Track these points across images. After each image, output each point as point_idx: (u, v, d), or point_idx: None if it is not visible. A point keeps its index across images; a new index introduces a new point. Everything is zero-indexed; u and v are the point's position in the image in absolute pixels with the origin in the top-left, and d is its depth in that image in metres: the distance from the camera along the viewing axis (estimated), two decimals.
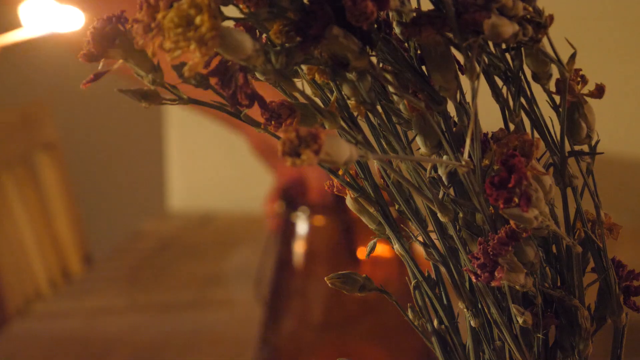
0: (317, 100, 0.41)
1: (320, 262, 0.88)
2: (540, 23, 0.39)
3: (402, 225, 0.45)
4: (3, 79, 2.12)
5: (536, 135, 0.42)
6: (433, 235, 0.43)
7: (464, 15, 0.36)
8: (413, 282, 0.45)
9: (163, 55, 0.35)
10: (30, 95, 2.01)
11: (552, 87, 0.42)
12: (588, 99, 0.42)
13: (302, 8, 0.36)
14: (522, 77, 0.41)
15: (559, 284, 0.43)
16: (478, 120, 0.38)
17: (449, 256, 0.43)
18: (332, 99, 0.39)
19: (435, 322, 0.45)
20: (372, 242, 0.45)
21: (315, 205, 0.87)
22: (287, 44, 0.37)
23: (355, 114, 0.40)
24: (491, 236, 0.38)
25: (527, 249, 0.39)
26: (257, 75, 0.37)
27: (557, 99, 0.42)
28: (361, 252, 0.85)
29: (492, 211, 0.39)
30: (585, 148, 0.42)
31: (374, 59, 0.38)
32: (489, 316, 0.42)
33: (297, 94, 0.39)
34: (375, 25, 0.38)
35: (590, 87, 0.42)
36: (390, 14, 0.40)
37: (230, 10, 0.37)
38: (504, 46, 0.40)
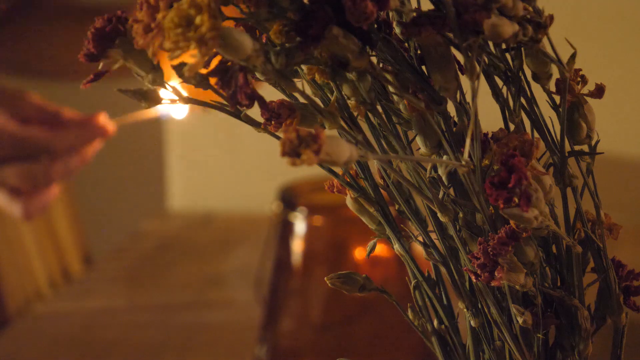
0: (317, 100, 0.41)
1: (320, 262, 0.88)
2: (540, 23, 0.39)
3: (402, 225, 0.45)
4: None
5: (536, 135, 0.42)
6: (433, 235, 0.43)
7: (464, 15, 0.36)
8: (413, 282, 0.45)
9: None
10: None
11: (552, 87, 0.42)
12: (588, 99, 0.42)
13: (302, 8, 0.36)
14: (522, 77, 0.41)
15: (559, 284, 0.43)
16: (478, 120, 0.38)
17: (449, 256, 0.43)
18: (332, 99, 0.39)
19: (435, 322, 0.45)
20: (372, 242, 0.45)
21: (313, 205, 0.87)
22: (287, 44, 0.37)
23: (355, 114, 0.40)
24: (491, 236, 0.38)
25: (527, 249, 0.39)
26: (257, 75, 0.37)
27: (557, 99, 0.42)
28: (360, 252, 0.85)
29: (492, 211, 0.39)
30: (585, 148, 0.42)
31: (374, 59, 0.39)
32: (489, 316, 0.42)
33: (297, 94, 0.39)
34: (375, 25, 0.38)
35: (590, 87, 0.42)
36: (390, 14, 0.40)
37: (230, 10, 0.37)
38: (504, 46, 0.40)
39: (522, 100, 0.41)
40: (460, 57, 0.38)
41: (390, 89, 0.41)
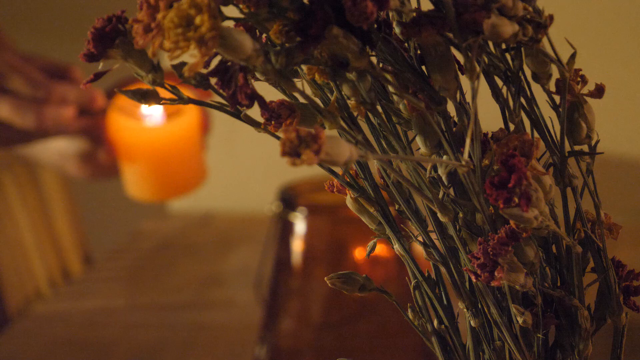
0: (317, 100, 0.41)
1: (320, 262, 0.88)
2: (540, 23, 0.39)
3: (402, 225, 0.45)
4: None
5: (536, 135, 0.42)
6: (433, 235, 0.43)
7: (464, 15, 0.36)
8: (413, 282, 0.45)
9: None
10: None
11: (552, 87, 0.42)
12: (588, 99, 0.42)
13: (302, 8, 0.36)
14: (522, 77, 0.41)
15: (559, 284, 0.43)
16: (478, 120, 0.38)
17: (449, 256, 0.43)
18: (332, 99, 0.39)
19: (435, 322, 0.45)
20: (372, 242, 0.45)
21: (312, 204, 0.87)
22: (287, 44, 0.37)
23: (355, 114, 0.40)
24: (491, 236, 0.38)
25: (527, 249, 0.39)
26: (257, 75, 0.37)
27: (557, 99, 0.42)
28: (360, 252, 0.85)
29: (492, 211, 0.40)
30: (585, 148, 0.42)
31: (374, 59, 0.39)
32: (489, 316, 0.42)
33: (297, 94, 0.39)
34: (375, 25, 0.38)
35: (590, 87, 0.42)
36: (390, 14, 0.40)
37: (230, 10, 0.37)
38: (504, 46, 0.40)
39: (522, 100, 0.41)
40: (460, 57, 0.38)
41: (390, 89, 0.41)
